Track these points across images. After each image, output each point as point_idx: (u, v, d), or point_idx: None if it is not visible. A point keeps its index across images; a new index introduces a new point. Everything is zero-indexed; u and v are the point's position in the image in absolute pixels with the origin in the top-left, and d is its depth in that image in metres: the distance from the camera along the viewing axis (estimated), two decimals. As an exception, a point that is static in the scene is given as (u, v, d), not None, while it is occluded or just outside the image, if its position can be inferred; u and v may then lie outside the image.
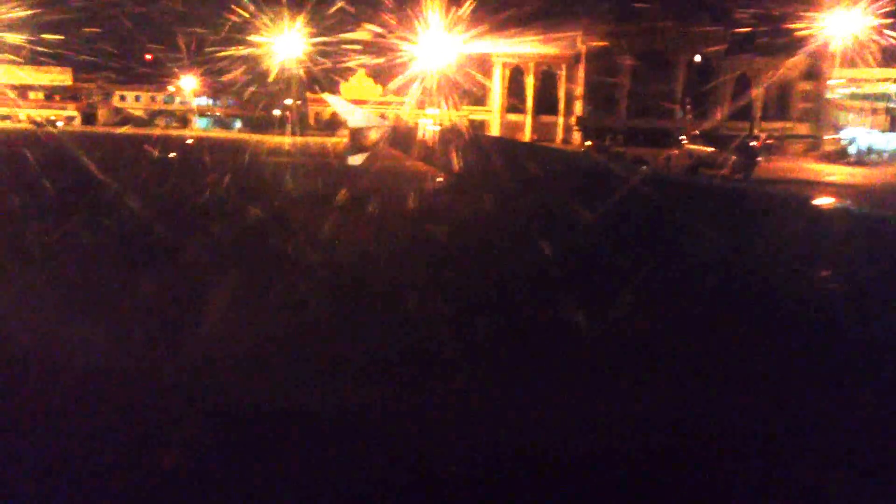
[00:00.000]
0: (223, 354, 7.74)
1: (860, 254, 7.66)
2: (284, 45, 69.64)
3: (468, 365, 7.61)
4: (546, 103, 72.89)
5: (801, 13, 59.82)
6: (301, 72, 70.54)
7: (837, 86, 69.06)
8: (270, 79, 70.11)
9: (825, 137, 67.56)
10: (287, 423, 6.19)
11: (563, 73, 71.99)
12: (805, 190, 30.23)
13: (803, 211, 9.06)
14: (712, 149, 42.02)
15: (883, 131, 67.74)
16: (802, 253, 8.28)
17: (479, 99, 74.70)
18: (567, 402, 6.71)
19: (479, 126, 71.51)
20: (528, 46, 69.97)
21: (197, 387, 6.92)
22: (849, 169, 51.01)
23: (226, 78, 74.60)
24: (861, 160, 59.79)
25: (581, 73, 69.89)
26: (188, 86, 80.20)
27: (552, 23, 68.90)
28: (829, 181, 38.46)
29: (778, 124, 71.00)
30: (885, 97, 70.43)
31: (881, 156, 63.11)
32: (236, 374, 7.28)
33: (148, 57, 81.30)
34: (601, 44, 68.27)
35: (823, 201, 8.97)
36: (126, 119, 79.63)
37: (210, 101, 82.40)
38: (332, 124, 69.14)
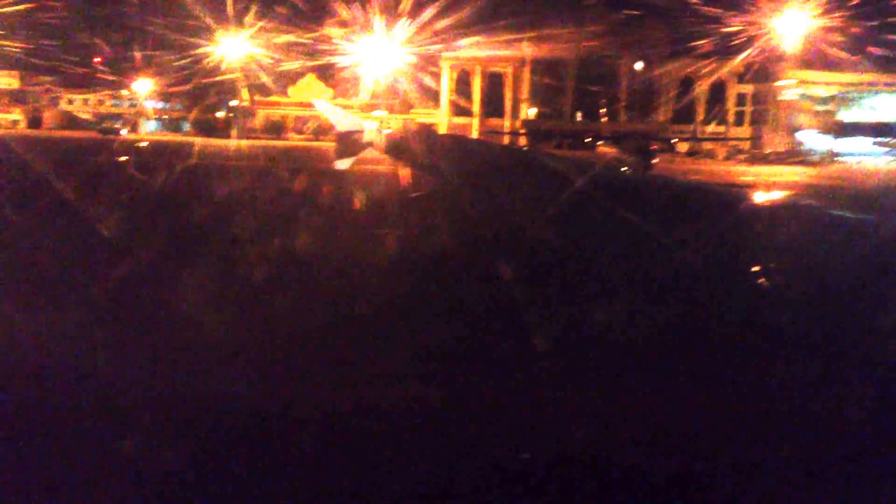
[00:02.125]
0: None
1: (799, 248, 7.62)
2: (232, 47, 69.55)
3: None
4: (493, 106, 73.43)
5: (750, 16, 60.95)
6: (246, 74, 70.40)
7: (787, 88, 70.18)
8: (216, 81, 70.10)
9: (776, 139, 68.77)
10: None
11: (509, 76, 72.58)
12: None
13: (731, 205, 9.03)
14: (616, 150, 43.52)
15: (829, 133, 69.09)
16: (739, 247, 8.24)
17: (427, 101, 75.09)
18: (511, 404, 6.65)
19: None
20: (475, 50, 70.46)
21: (184, 393, 6.79)
22: (783, 168, 51.98)
23: (174, 80, 74.62)
24: (804, 160, 60.95)
25: (527, 76, 70.55)
26: (141, 88, 79.72)
27: (499, 27, 69.48)
28: (745, 181, 39.19)
29: (722, 128, 72.20)
30: (833, 100, 71.81)
31: (822, 156, 64.42)
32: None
33: (97, 60, 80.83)
34: (546, 47, 68.98)
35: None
36: (72, 122, 79.06)
37: (160, 105, 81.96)
38: (318, 130, 68.86)
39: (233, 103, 74.75)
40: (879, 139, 69.04)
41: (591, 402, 6.50)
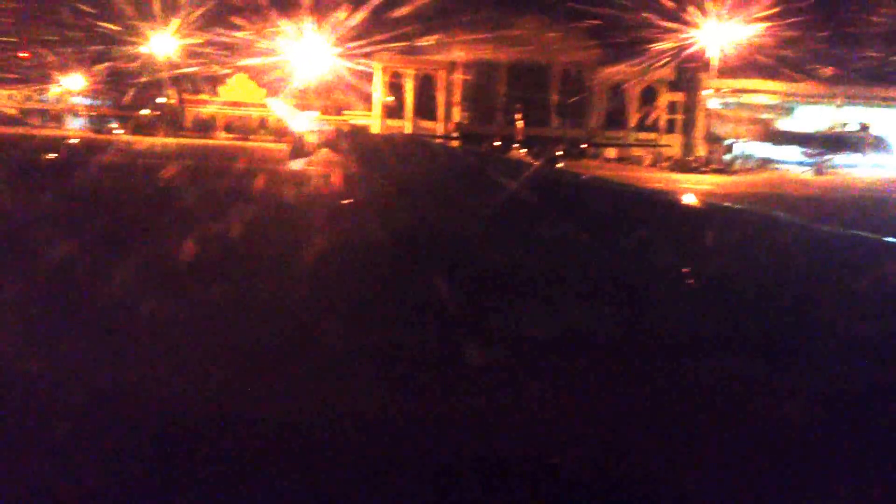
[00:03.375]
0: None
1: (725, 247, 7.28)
2: (161, 44, 68.32)
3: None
4: (425, 109, 73.04)
5: (683, 25, 61.31)
6: (175, 72, 69.11)
7: (713, 96, 70.83)
8: (145, 79, 68.79)
9: (704, 147, 69.26)
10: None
11: (441, 79, 72.26)
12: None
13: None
14: (524, 154, 43.79)
15: (762, 141, 69.83)
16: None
17: (360, 103, 74.47)
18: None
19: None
20: (408, 52, 70.08)
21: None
22: (700, 177, 52.24)
23: (103, 77, 73.17)
24: (725, 169, 61.39)
25: (459, 79, 70.30)
26: (73, 84, 78.00)
27: (432, 28, 69.16)
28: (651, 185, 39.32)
29: (654, 134, 72.56)
30: (768, 108, 72.66)
31: (746, 163, 64.98)
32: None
33: (24, 55, 78.94)
34: (478, 51, 68.78)
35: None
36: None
37: (88, 101, 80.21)
38: (278, 130, 67.77)
39: (160, 101, 73.29)
40: (808, 150, 70.04)
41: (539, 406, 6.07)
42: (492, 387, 6.68)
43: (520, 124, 66.18)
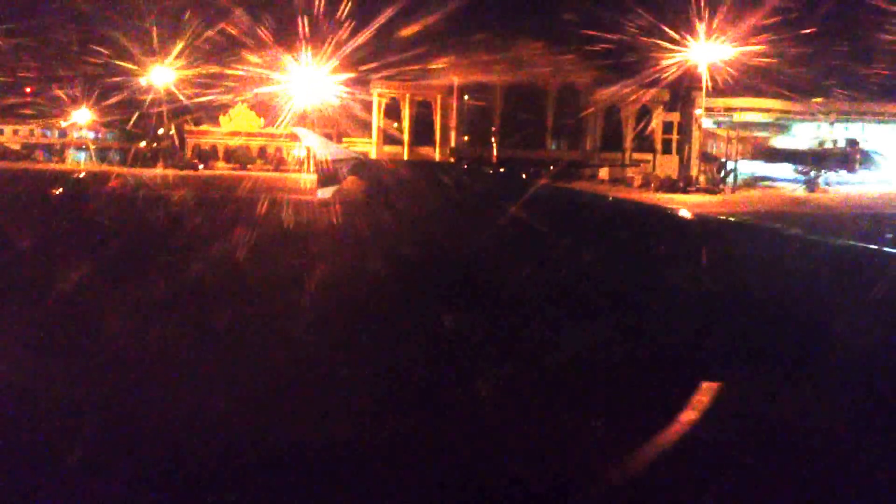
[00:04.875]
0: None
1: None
2: (161, 77, 69.39)
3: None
4: (422, 134, 73.94)
5: (673, 43, 62.19)
6: (175, 104, 70.16)
7: (708, 115, 71.60)
8: (146, 111, 69.86)
9: (696, 166, 69.92)
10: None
11: (438, 104, 73.21)
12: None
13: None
14: None
15: (755, 159, 70.50)
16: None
17: (359, 130, 75.36)
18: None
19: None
20: (404, 78, 71.04)
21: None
22: (686, 197, 52.81)
23: (104, 111, 74.18)
24: (711, 189, 62.03)
25: (454, 104, 71.25)
26: (78, 119, 79.12)
27: (428, 54, 70.20)
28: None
29: (649, 155, 73.23)
30: (755, 126, 73.45)
31: (734, 182, 65.73)
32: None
33: (28, 90, 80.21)
34: (473, 75, 69.76)
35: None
36: (3, 154, 78.03)
37: (90, 135, 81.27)
38: (299, 160, 68.38)
39: (160, 132, 74.40)
40: (800, 167, 70.81)
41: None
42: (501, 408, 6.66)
43: (494, 147, 66.97)
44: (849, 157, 65.93)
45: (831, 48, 64.38)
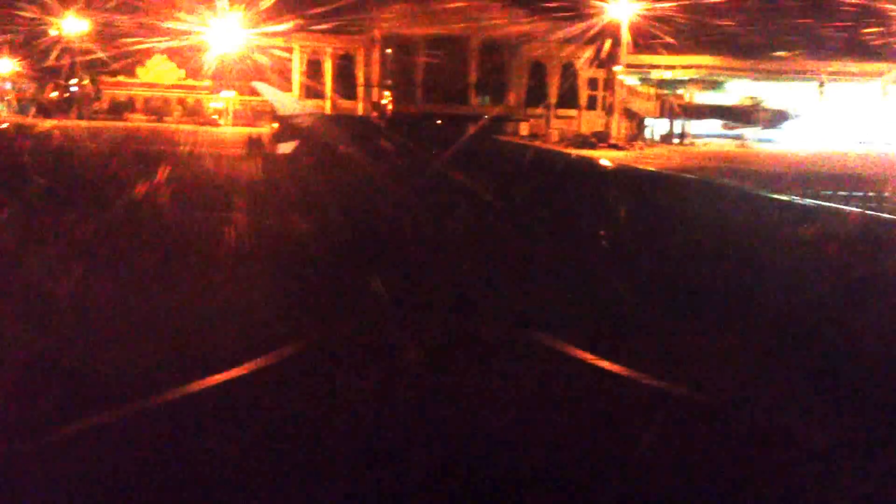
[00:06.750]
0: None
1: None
2: (76, 26, 67.15)
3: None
4: (345, 88, 72.65)
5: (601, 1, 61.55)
6: (90, 54, 68.01)
7: (632, 72, 71.25)
8: (61, 62, 67.58)
9: (616, 123, 69.75)
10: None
11: (360, 58, 71.89)
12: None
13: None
14: None
15: (678, 117, 70.70)
16: None
17: (280, 85, 73.80)
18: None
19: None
20: (326, 31, 69.52)
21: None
22: (592, 152, 52.46)
23: (19, 61, 71.76)
24: (620, 145, 62.08)
25: (377, 57, 69.99)
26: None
27: (350, 5, 68.71)
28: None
29: (574, 111, 72.94)
30: (684, 83, 73.53)
31: (644, 140, 66.11)
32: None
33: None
34: (396, 28, 68.51)
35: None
36: None
37: (8, 85, 78.69)
38: (259, 113, 66.62)
39: (73, 82, 72.10)
40: (727, 122, 71.09)
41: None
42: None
43: (388, 103, 66.15)
44: (752, 114, 66.47)
45: (762, 4, 64.59)
